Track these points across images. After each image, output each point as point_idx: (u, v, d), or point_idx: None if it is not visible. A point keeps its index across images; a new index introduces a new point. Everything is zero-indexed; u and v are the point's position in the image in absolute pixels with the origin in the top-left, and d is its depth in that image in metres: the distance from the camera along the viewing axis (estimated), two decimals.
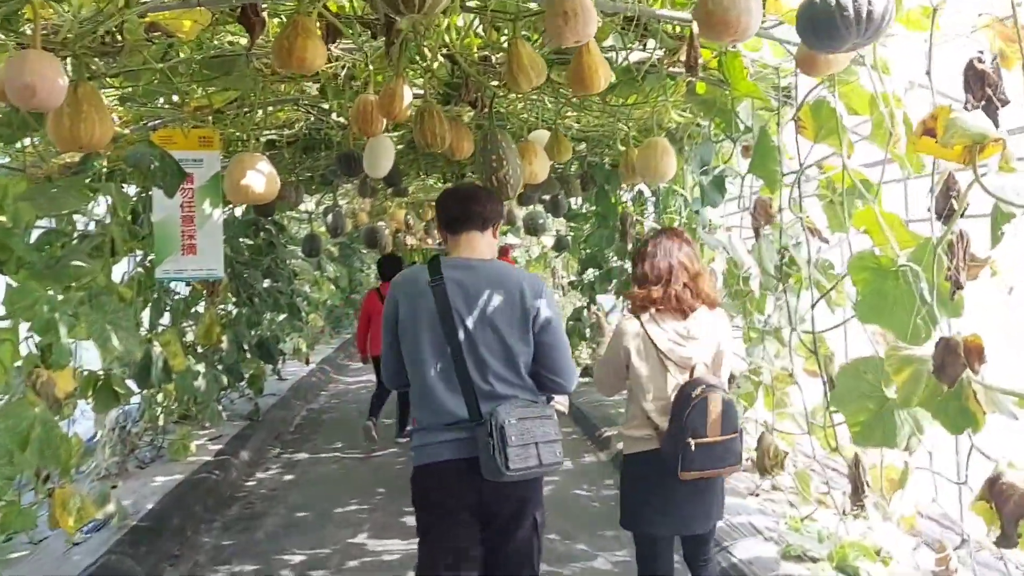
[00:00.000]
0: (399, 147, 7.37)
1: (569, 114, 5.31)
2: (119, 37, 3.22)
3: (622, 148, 5.65)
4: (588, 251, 7.49)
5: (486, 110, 4.04)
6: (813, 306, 3.28)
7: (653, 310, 2.80)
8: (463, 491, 2.39)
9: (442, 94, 4.19)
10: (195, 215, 4.94)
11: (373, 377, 11.83)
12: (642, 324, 2.80)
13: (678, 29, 3.41)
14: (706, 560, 2.97)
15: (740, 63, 3.41)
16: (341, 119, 5.33)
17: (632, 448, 2.83)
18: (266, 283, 8.53)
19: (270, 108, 5.27)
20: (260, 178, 4.06)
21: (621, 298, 7.45)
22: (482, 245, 2.57)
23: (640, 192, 6.96)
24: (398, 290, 2.52)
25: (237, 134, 5.38)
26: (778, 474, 3.90)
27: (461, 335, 2.39)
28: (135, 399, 5.50)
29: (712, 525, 2.89)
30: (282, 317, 9.29)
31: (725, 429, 2.67)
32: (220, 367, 7.27)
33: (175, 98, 4.36)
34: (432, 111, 3.59)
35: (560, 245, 8.78)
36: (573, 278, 9.22)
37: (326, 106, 5.14)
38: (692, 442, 2.60)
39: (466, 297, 2.42)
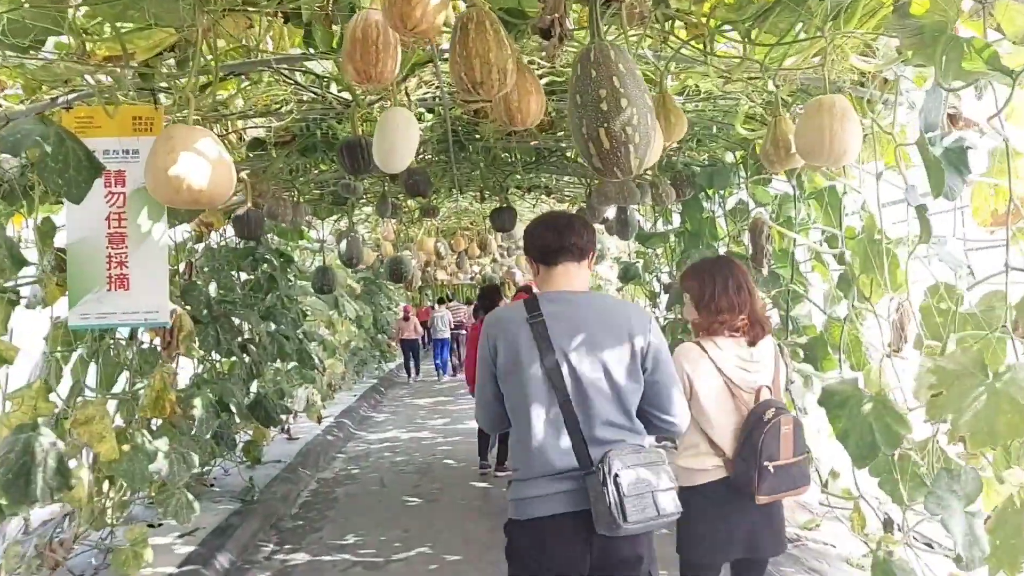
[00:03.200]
0: (426, 156, 5.81)
1: (670, 80, 3.70)
2: None
3: (744, 132, 4.00)
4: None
5: (565, 46, 2.46)
6: None
7: (719, 337, 2.77)
8: (571, 548, 2.18)
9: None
10: (127, 232, 3.36)
11: (399, 435, 10.32)
12: (705, 350, 2.75)
13: None
14: None
15: None
16: (346, 94, 3.76)
17: (694, 480, 2.72)
18: (271, 327, 6.99)
19: (245, 79, 3.73)
20: (200, 166, 2.52)
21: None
22: (580, 277, 2.40)
23: (741, 203, 5.30)
24: (495, 330, 2.33)
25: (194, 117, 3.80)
26: None
27: (567, 376, 2.21)
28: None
29: (780, 550, 2.82)
30: (291, 366, 7.73)
31: (797, 450, 2.70)
32: (208, 436, 5.70)
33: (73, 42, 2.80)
34: (483, 20, 1.97)
35: (628, 275, 7.10)
36: None
37: (320, 71, 3.56)
38: (770, 465, 2.60)
39: (570, 334, 2.24)
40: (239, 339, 6.19)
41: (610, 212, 6.67)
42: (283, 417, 7.06)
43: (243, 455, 6.83)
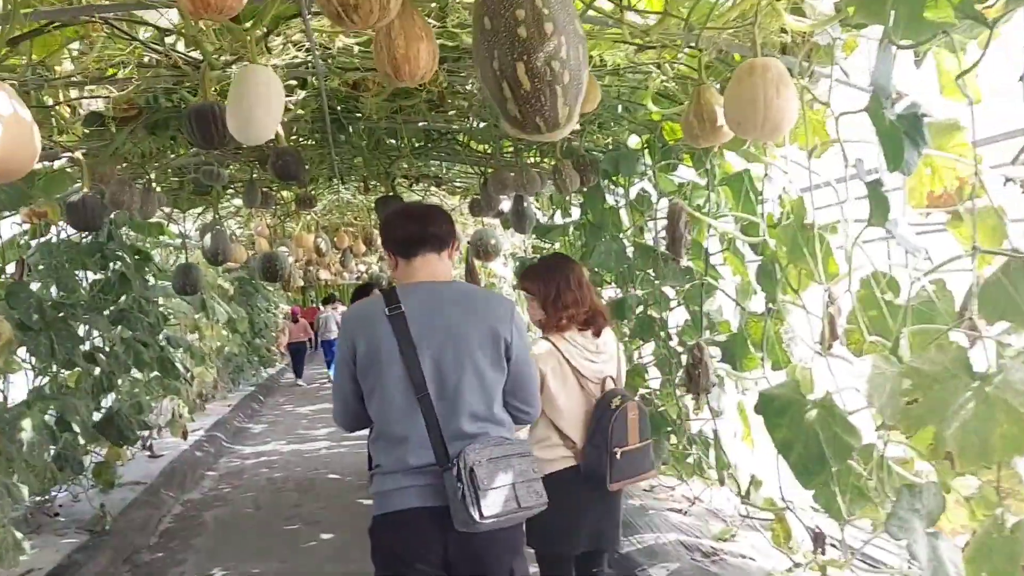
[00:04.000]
0: (299, 139, 5.21)
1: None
2: None
3: (653, 108, 3.64)
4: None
5: None
6: None
7: (567, 332, 2.88)
8: (429, 543, 2.14)
9: None
10: None
11: (279, 447, 9.52)
12: (555, 345, 2.85)
13: None
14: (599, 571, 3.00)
15: None
16: (196, 54, 3.15)
17: (543, 469, 2.55)
18: (126, 333, 6.21)
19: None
20: None
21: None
22: (440, 269, 2.32)
23: (644, 192, 4.97)
24: (353, 325, 2.28)
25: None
26: None
27: (427, 368, 2.16)
28: None
29: (618, 540, 2.98)
30: (151, 376, 6.93)
31: (642, 436, 2.84)
32: (49, 459, 4.93)
33: None
34: None
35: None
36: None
37: (166, 24, 2.95)
38: (619, 451, 2.72)
39: (431, 326, 2.19)
40: (84, 348, 5.42)
41: (505, 205, 6.26)
42: (141, 434, 6.28)
43: (94, 479, 6.02)
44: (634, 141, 4.74)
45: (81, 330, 5.58)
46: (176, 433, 7.07)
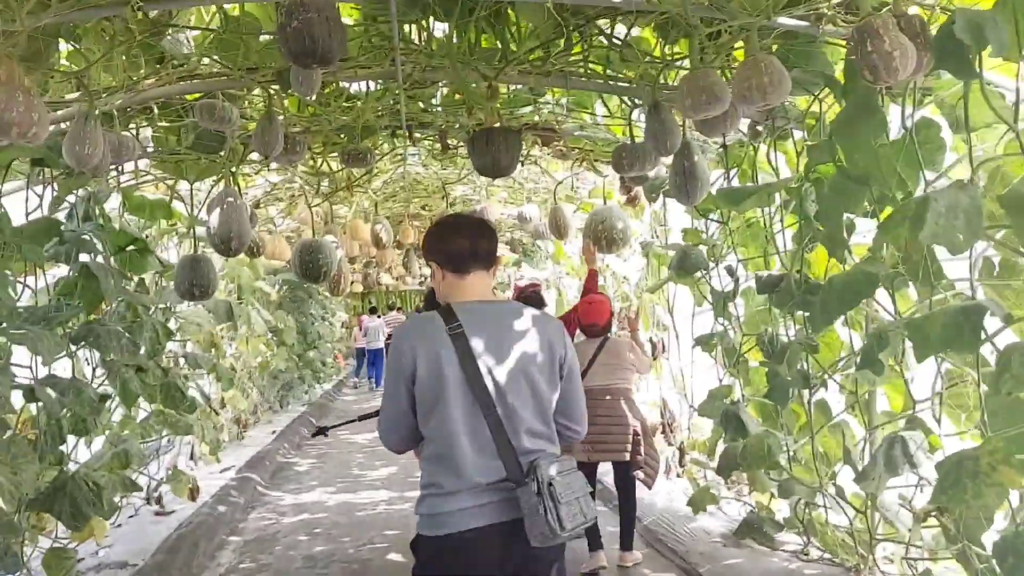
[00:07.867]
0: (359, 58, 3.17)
1: None
2: None
3: None
4: (849, 268, 3.10)
5: None
6: None
7: None
8: (495, 560, 2.12)
9: None
10: None
11: (326, 497, 7.09)
12: None
13: None
14: None
15: None
16: None
17: None
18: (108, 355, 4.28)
19: None
20: None
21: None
22: (488, 286, 2.35)
23: (926, 123, 2.80)
24: (412, 340, 2.20)
25: None
26: None
27: (491, 386, 2.15)
28: None
29: None
30: (151, 410, 5.03)
31: None
32: None
33: None
34: None
35: (686, 266, 4.49)
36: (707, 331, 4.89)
37: None
38: None
39: (491, 343, 2.18)
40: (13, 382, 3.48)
41: (643, 167, 4.14)
42: (118, 503, 4.31)
43: (45, 572, 4.07)
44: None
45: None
46: (180, 493, 5.09)
